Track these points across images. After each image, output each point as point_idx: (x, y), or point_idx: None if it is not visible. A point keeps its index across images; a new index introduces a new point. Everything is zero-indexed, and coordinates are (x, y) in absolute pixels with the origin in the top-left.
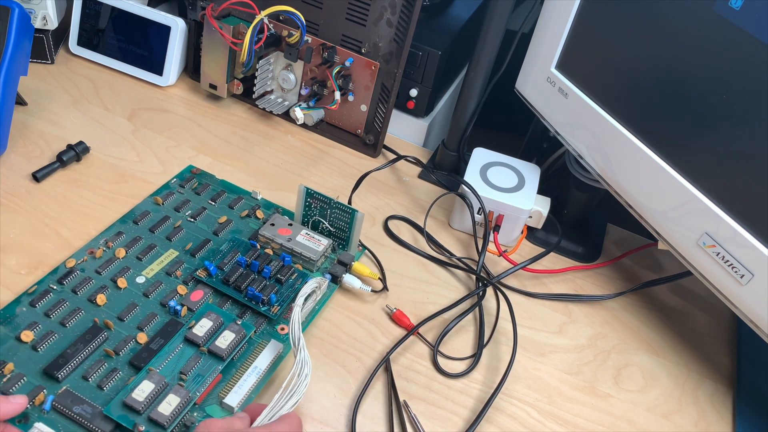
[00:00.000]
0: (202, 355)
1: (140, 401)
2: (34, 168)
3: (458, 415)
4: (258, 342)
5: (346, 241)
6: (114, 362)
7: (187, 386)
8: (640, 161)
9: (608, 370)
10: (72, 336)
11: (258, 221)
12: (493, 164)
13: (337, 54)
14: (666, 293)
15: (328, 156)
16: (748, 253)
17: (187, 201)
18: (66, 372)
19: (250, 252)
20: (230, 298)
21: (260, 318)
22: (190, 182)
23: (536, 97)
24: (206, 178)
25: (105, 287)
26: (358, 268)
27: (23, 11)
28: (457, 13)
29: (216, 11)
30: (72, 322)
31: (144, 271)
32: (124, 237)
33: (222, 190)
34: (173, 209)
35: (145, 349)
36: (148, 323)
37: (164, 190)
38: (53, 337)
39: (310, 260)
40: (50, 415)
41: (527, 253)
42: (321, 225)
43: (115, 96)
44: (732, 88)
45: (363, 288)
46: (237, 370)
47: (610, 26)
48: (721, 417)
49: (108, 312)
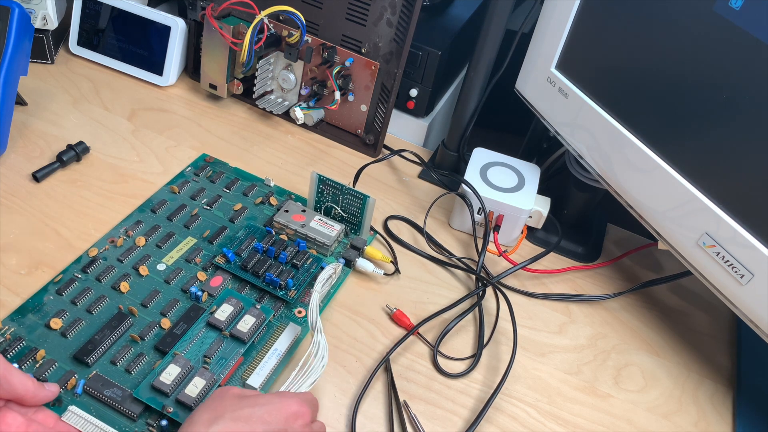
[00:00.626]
0: (224, 339)
1: (168, 384)
2: (34, 168)
3: (458, 415)
4: (277, 325)
5: (358, 226)
6: (140, 347)
7: (211, 369)
8: (640, 161)
9: (608, 370)
10: (98, 323)
11: (272, 208)
12: (493, 164)
13: (337, 54)
14: (666, 293)
15: (328, 156)
16: (748, 253)
17: (203, 189)
18: (95, 357)
19: (266, 238)
20: (248, 283)
21: (278, 302)
22: (205, 170)
23: (536, 97)
24: (220, 166)
25: (127, 275)
26: (370, 252)
27: (23, 11)
28: (457, 13)
29: (216, 11)
30: (98, 309)
31: (164, 259)
32: (143, 226)
33: (236, 178)
34: (189, 197)
35: (169, 334)
36: (171, 309)
37: (179, 178)
38: (81, 324)
39: (324, 245)
40: (82, 398)
41: (527, 253)
42: (333, 211)
43: (115, 96)
44: (732, 88)
45: (376, 271)
46: (258, 352)
47: (610, 26)
48: (721, 417)
49: (132, 299)
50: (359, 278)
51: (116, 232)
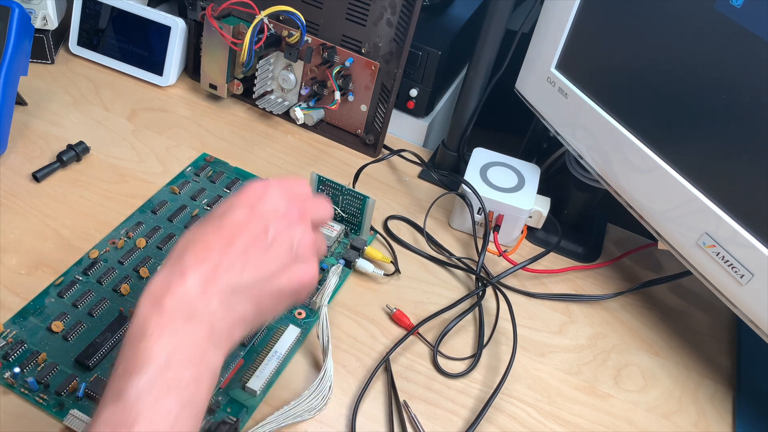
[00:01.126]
0: None
1: None
2: (34, 168)
3: (458, 415)
4: (277, 327)
5: (358, 226)
6: None
7: None
8: (640, 161)
9: (608, 370)
10: (100, 326)
11: None
12: (493, 164)
13: (337, 54)
14: (666, 293)
15: (328, 156)
16: (748, 253)
17: (203, 189)
18: (96, 360)
19: None
20: None
21: None
22: (205, 170)
23: (536, 97)
24: (220, 166)
25: (128, 277)
26: (370, 252)
27: (23, 11)
28: (457, 13)
29: (216, 11)
30: (99, 312)
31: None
32: (143, 227)
33: (236, 178)
34: (190, 198)
35: None
36: None
37: (180, 179)
38: (82, 327)
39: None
40: (84, 402)
41: (527, 253)
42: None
43: (115, 96)
44: (733, 87)
45: (376, 272)
46: (258, 355)
47: (610, 26)
48: (721, 417)
49: (132, 301)
50: (359, 278)
51: (117, 233)
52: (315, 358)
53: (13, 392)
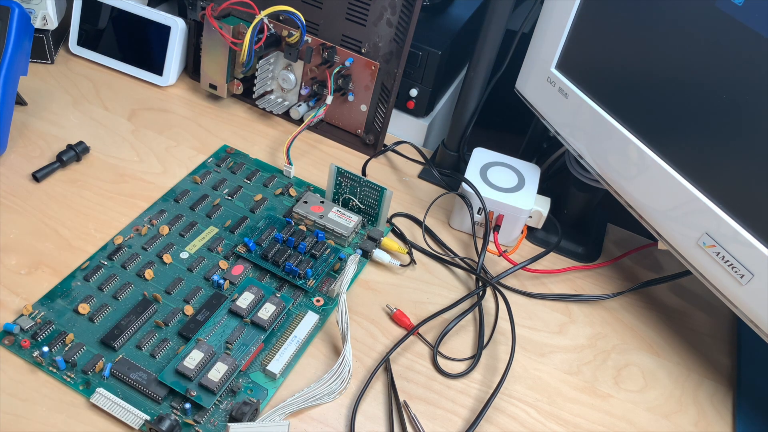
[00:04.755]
0: (245, 326)
1: (191, 368)
2: (34, 168)
3: (458, 415)
4: (296, 313)
5: (375, 217)
6: (164, 333)
7: (233, 354)
8: (640, 161)
9: (608, 370)
10: (124, 308)
11: (291, 199)
12: (493, 164)
13: (337, 54)
14: (666, 293)
15: (328, 156)
16: (748, 253)
17: (224, 180)
18: (121, 342)
19: (286, 228)
20: (268, 272)
21: (297, 291)
22: (226, 161)
23: (536, 97)
24: (240, 157)
25: (152, 263)
26: (387, 243)
27: (23, 11)
28: (457, 13)
29: (216, 11)
30: (123, 296)
31: (187, 247)
32: (166, 215)
33: (256, 169)
34: (211, 188)
35: (192, 320)
36: (194, 296)
37: (201, 169)
38: (107, 310)
39: (342, 236)
40: (109, 381)
41: (527, 253)
42: (351, 202)
43: (115, 96)
44: (734, 86)
45: (392, 262)
46: (278, 339)
47: (610, 25)
48: (721, 417)
49: (156, 286)
50: (359, 278)
51: (140, 220)
52: (328, 349)
53: (42, 370)
